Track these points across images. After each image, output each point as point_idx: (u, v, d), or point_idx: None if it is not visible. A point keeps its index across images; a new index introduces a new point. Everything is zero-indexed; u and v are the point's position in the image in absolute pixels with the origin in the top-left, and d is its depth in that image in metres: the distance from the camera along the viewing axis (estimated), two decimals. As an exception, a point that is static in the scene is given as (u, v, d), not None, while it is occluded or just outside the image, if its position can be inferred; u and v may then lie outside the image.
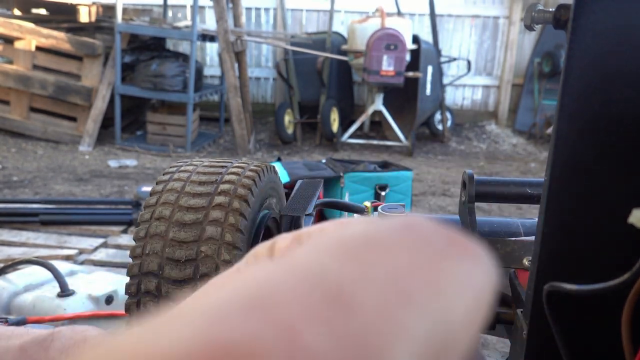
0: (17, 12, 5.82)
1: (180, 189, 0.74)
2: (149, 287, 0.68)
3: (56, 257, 2.65)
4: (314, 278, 0.13)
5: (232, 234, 0.69)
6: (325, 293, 0.13)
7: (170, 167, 0.81)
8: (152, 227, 0.71)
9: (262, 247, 0.25)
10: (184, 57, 5.91)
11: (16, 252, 2.70)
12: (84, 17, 5.45)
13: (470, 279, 0.15)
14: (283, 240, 0.24)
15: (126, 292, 0.69)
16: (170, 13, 6.55)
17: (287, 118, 5.87)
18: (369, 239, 0.15)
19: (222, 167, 0.79)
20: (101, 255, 2.77)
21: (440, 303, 0.14)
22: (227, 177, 0.75)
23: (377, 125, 6.43)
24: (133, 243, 0.72)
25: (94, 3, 5.68)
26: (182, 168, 0.79)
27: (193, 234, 0.69)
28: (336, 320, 0.12)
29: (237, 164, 0.80)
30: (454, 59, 6.59)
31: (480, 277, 0.15)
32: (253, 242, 0.76)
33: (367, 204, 0.98)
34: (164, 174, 0.79)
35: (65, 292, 1.12)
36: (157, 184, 0.77)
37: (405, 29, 5.55)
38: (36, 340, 0.34)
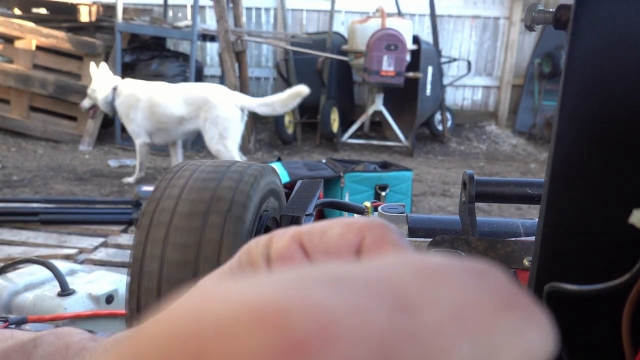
0: (17, 11, 5.83)
1: (181, 190, 0.74)
2: (150, 287, 0.68)
3: (56, 257, 2.65)
4: (389, 283, 0.15)
5: (231, 234, 0.69)
6: (395, 297, 0.14)
7: (172, 168, 0.81)
8: (152, 229, 0.71)
9: (256, 244, 0.25)
10: (184, 57, 5.92)
11: (16, 252, 2.70)
12: (84, 16, 5.45)
13: (526, 340, 0.15)
14: (280, 238, 0.24)
15: (126, 293, 0.69)
16: (170, 13, 6.55)
17: (287, 118, 5.87)
18: (446, 270, 0.16)
19: (222, 168, 0.79)
20: (101, 254, 2.77)
21: (490, 348, 0.15)
22: (226, 178, 0.75)
23: (377, 126, 6.44)
24: (133, 243, 0.72)
25: (94, 2, 5.68)
26: (183, 169, 0.79)
27: (193, 235, 0.69)
28: (398, 320, 0.14)
29: (236, 165, 0.80)
30: (454, 60, 6.59)
31: (537, 342, 0.16)
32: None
33: (367, 204, 0.98)
34: (164, 176, 0.79)
35: (65, 291, 1.12)
36: (157, 185, 0.77)
37: (406, 30, 5.55)
38: (19, 346, 0.33)
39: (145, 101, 3.88)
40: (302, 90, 3.83)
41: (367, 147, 5.96)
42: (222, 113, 3.81)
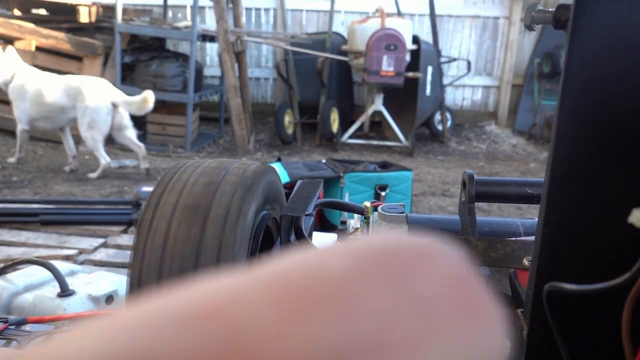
0: (17, 12, 5.83)
1: (181, 189, 0.74)
2: (149, 287, 0.68)
3: (56, 257, 2.65)
4: (301, 270, 0.13)
5: (232, 235, 0.69)
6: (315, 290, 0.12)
7: (171, 169, 0.81)
8: (153, 228, 0.71)
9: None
10: (184, 58, 5.92)
11: (16, 252, 2.70)
12: (84, 17, 5.45)
13: (472, 343, 0.13)
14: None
15: (127, 292, 0.69)
16: (170, 13, 6.55)
17: (287, 118, 5.87)
18: (378, 258, 0.13)
19: (222, 168, 0.79)
20: (101, 255, 2.77)
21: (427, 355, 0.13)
22: (226, 179, 0.75)
23: (377, 126, 6.44)
24: (133, 243, 0.72)
25: (94, 3, 5.68)
26: (182, 170, 0.79)
27: (194, 234, 0.69)
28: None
29: (236, 165, 0.80)
30: (454, 60, 6.59)
31: (484, 344, 0.14)
32: (253, 242, 0.76)
33: (367, 204, 0.98)
34: (163, 177, 0.79)
35: (65, 292, 1.12)
36: (157, 185, 0.77)
37: (405, 30, 5.55)
38: None
39: (33, 92, 4.23)
40: (148, 96, 4.18)
41: (367, 147, 5.96)
42: (91, 104, 4.14)
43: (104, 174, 4.38)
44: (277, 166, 3.09)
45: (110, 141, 5.48)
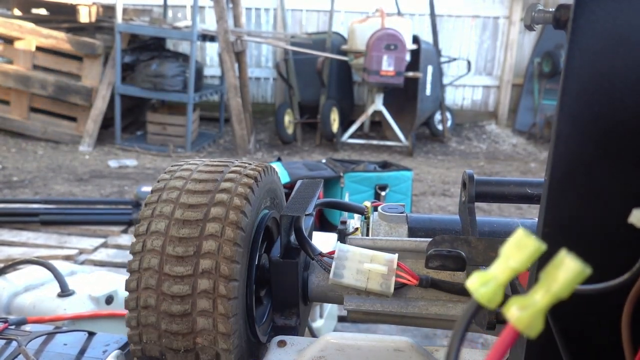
0: (17, 12, 5.83)
1: (181, 187, 0.74)
2: (149, 284, 0.68)
3: (56, 257, 2.65)
4: None
5: (232, 233, 0.69)
6: None
7: (171, 167, 0.81)
8: (153, 224, 0.71)
9: None
10: (184, 57, 5.92)
11: (16, 252, 2.70)
12: (84, 17, 5.45)
13: None
14: None
15: (126, 289, 0.69)
16: (170, 13, 6.55)
17: (287, 118, 5.88)
18: None
19: (223, 167, 0.79)
20: (101, 255, 2.77)
21: None
22: (227, 177, 0.75)
23: (377, 125, 6.44)
24: (131, 244, 0.72)
25: (94, 3, 5.68)
26: (183, 167, 0.79)
27: (194, 232, 0.69)
28: None
29: (237, 164, 0.80)
30: (454, 59, 6.60)
31: None
32: (253, 241, 0.76)
33: (367, 204, 0.98)
34: (165, 173, 0.79)
35: (65, 292, 1.12)
36: (158, 182, 0.77)
37: (405, 29, 5.55)
38: None
39: None
40: None
41: (367, 147, 5.96)
42: None
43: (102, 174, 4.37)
44: (277, 166, 3.09)
45: (111, 141, 5.49)
